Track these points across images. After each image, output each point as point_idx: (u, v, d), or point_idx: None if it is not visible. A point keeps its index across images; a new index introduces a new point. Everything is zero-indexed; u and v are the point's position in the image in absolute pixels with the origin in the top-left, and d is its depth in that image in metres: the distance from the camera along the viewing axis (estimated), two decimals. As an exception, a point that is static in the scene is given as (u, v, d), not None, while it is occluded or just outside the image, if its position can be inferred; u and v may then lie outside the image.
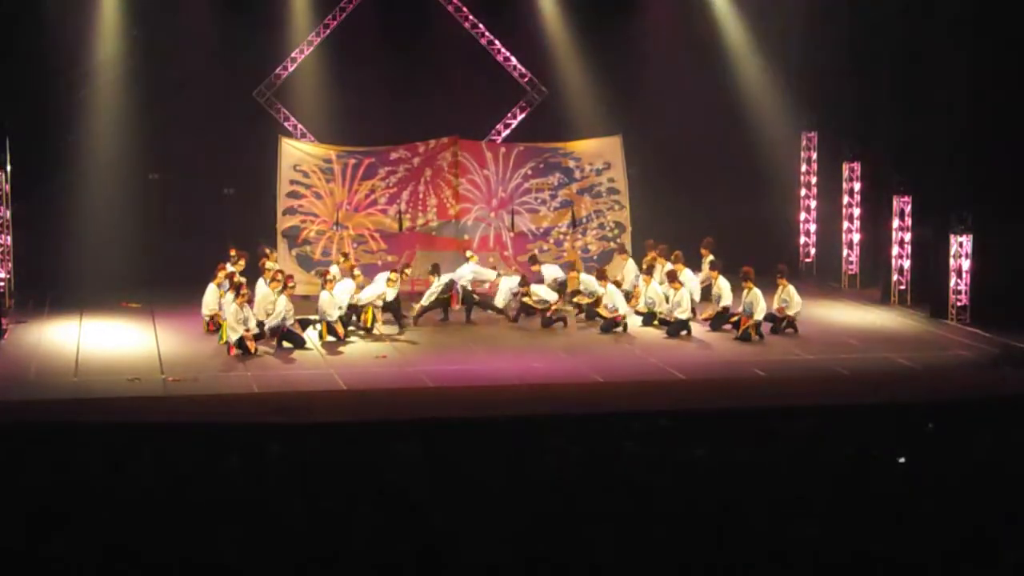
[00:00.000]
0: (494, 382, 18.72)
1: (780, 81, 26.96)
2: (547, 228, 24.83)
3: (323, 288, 21.17)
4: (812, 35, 26.64)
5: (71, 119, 25.28)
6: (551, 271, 23.45)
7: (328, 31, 26.53)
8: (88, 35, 25.44)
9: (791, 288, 21.91)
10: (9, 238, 23.84)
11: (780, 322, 21.71)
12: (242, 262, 22.57)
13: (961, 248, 22.42)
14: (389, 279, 21.89)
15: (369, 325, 21.57)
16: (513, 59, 27.00)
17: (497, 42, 26.96)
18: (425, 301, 22.42)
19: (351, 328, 21.44)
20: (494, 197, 24.74)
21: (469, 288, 22.65)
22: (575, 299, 22.85)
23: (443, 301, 22.53)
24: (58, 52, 25.13)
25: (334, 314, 21.07)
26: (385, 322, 22.01)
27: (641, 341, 21.41)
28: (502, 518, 9.53)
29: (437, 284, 22.46)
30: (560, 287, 23.06)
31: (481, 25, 26.86)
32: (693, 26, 27.27)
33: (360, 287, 21.82)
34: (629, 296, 23.03)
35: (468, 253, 23.56)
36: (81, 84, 25.33)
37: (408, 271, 22.77)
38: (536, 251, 24.44)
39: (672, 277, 22.02)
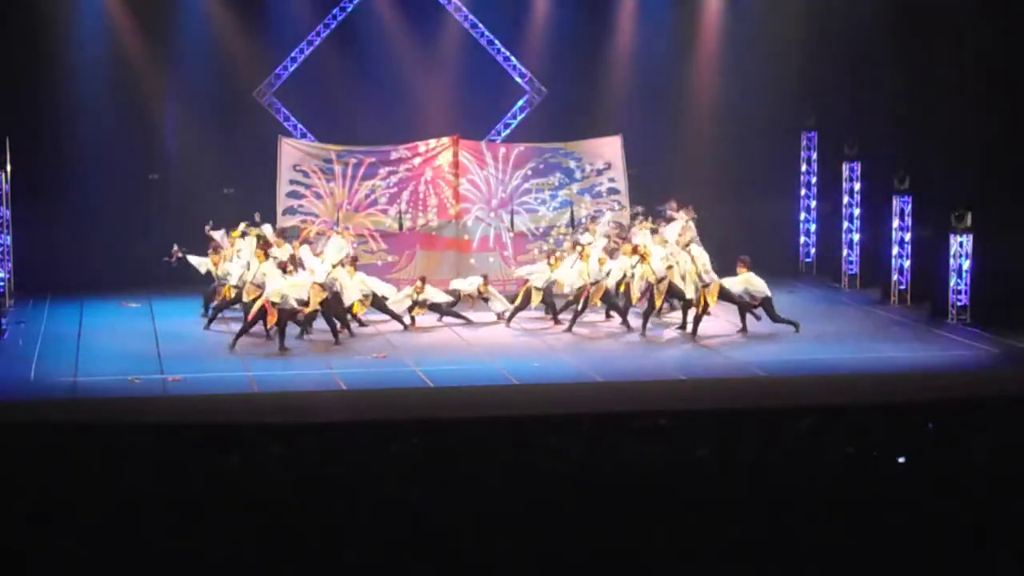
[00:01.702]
0: (494, 382, 18.73)
1: (780, 81, 26.95)
2: (547, 228, 24.83)
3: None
4: (812, 35, 26.64)
5: (72, 119, 25.29)
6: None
7: (328, 31, 26.53)
8: (88, 34, 25.46)
9: (750, 275, 21.72)
10: (9, 238, 23.84)
11: (750, 307, 21.57)
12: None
13: (961, 248, 22.42)
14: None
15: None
16: (513, 59, 27.00)
17: (497, 42, 26.96)
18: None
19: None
20: (494, 197, 24.74)
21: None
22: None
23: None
24: (58, 51, 25.14)
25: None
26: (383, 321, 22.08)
27: (641, 341, 21.39)
28: (502, 518, 9.53)
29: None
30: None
31: (481, 25, 26.86)
32: (693, 25, 27.29)
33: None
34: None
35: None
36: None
37: (419, 283, 22.69)
38: (536, 251, 24.41)
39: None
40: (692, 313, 21.55)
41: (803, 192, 27.32)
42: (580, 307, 22.17)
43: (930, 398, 17.05)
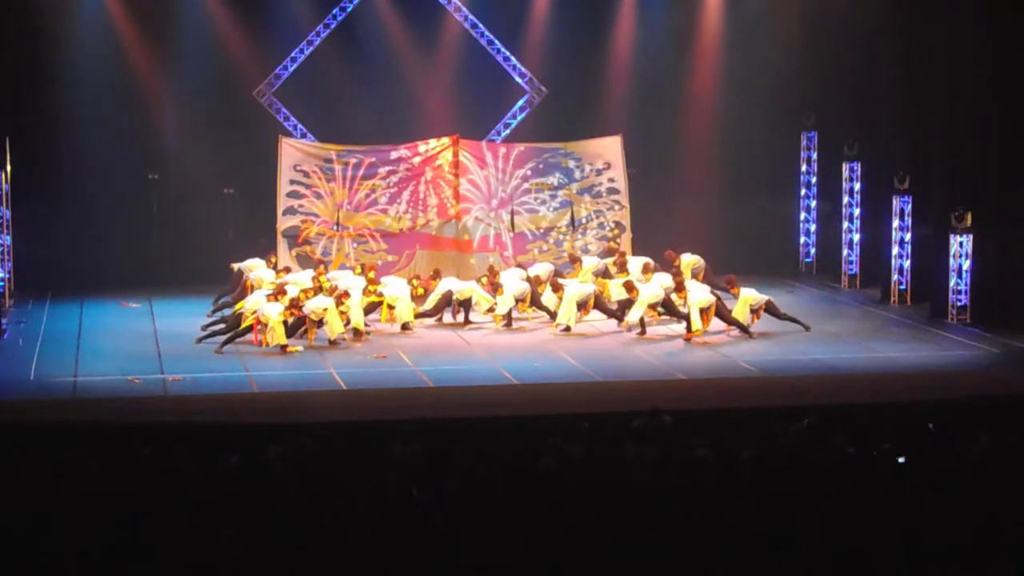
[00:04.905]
0: (494, 382, 18.72)
1: (780, 81, 26.96)
2: (547, 228, 24.83)
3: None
4: (812, 35, 26.66)
5: (71, 119, 25.29)
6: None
7: (328, 31, 26.54)
8: (88, 34, 25.46)
9: (745, 293, 21.64)
10: (9, 238, 23.85)
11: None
12: (322, 267, 22.85)
13: (961, 248, 22.42)
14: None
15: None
16: (513, 59, 27.01)
17: (497, 42, 26.97)
18: (428, 305, 22.39)
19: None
20: (494, 197, 24.74)
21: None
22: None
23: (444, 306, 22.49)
24: (58, 52, 25.14)
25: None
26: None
27: (641, 341, 21.39)
28: (502, 518, 9.53)
29: (437, 291, 22.40)
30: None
31: (481, 25, 26.87)
32: (693, 25, 27.31)
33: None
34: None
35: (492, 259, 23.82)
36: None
37: (416, 281, 22.67)
38: (536, 251, 24.48)
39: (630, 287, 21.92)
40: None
41: (803, 192, 27.33)
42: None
43: (930, 398, 17.04)
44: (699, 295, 21.48)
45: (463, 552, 9.24)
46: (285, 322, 20.41)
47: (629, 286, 21.86)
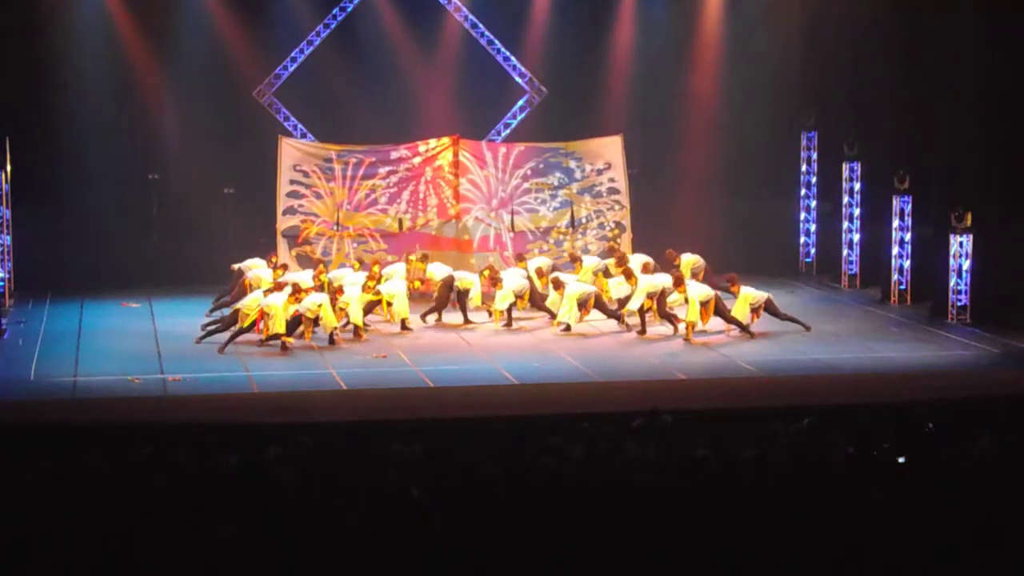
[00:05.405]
0: (494, 382, 18.72)
1: (780, 81, 26.96)
2: (547, 228, 24.83)
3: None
4: (812, 35, 26.66)
5: (71, 119, 25.30)
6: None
7: (328, 31, 26.55)
8: (88, 34, 25.47)
9: (744, 291, 21.63)
10: (9, 238, 23.85)
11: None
12: (322, 266, 22.93)
13: (961, 248, 22.42)
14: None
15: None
16: (513, 59, 27.01)
17: (497, 42, 26.97)
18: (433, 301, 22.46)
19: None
20: (494, 197, 24.74)
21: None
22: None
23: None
24: (58, 52, 25.16)
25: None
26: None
27: (641, 341, 21.39)
28: (502, 518, 9.53)
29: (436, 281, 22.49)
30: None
31: (481, 25, 26.87)
32: (693, 25, 27.33)
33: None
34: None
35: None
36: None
37: (418, 282, 22.72)
38: (536, 251, 24.49)
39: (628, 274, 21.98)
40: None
41: (803, 192, 27.32)
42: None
43: (930, 398, 17.04)
44: (698, 290, 21.49)
45: (463, 552, 9.24)
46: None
47: (628, 273, 21.88)
